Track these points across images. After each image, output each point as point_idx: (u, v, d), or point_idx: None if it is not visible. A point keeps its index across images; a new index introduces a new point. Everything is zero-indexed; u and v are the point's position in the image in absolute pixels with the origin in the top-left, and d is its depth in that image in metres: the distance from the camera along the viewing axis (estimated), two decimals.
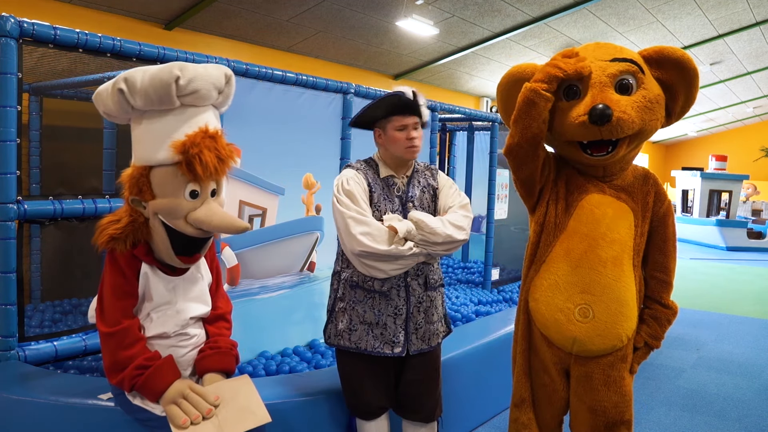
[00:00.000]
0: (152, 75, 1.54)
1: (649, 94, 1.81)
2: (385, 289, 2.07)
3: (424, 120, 2.10)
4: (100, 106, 1.64)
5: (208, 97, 1.64)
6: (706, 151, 20.80)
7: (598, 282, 1.85)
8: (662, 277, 1.94)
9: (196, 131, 1.58)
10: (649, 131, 1.85)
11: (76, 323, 3.06)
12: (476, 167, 5.47)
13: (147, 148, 1.61)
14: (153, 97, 1.55)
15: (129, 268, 1.65)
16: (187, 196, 1.59)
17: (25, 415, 1.87)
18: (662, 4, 8.99)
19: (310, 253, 3.34)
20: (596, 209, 1.90)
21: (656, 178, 2.00)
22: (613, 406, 1.90)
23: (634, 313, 1.89)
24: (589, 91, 1.78)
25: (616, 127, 1.74)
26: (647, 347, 1.96)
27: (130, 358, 1.60)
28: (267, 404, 1.72)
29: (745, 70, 13.86)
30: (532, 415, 2.06)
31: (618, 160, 1.90)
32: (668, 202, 1.96)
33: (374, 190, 2.09)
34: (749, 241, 12.33)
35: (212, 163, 1.56)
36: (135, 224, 1.63)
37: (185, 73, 1.56)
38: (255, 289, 3.05)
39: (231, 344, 1.85)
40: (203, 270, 1.83)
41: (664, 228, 1.94)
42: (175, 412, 1.58)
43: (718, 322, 5.79)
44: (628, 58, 1.82)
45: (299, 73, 3.07)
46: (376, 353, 2.07)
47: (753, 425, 3.30)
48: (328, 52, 9.14)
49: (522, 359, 2.06)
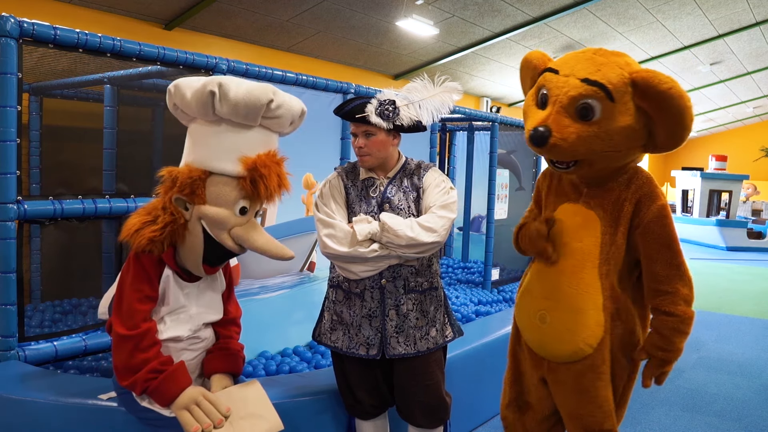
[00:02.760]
0: (248, 90, 1.57)
1: (610, 124, 1.67)
2: (359, 291, 2.07)
3: (381, 126, 2.00)
4: (175, 98, 1.63)
5: (284, 125, 1.71)
6: (706, 151, 20.77)
7: (558, 289, 1.87)
8: (652, 285, 1.81)
9: (267, 153, 1.64)
10: (609, 158, 1.74)
11: (76, 323, 3.06)
12: (476, 167, 5.47)
13: (213, 155, 1.62)
14: (242, 110, 1.58)
15: (155, 272, 1.65)
16: (237, 211, 1.63)
17: (25, 415, 1.87)
18: (662, 4, 8.99)
19: (310, 253, 3.34)
20: (565, 218, 1.90)
21: (643, 184, 1.82)
22: (588, 414, 1.86)
23: (593, 322, 1.81)
24: (548, 107, 1.75)
25: (551, 151, 1.73)
26: (657, 359, 1.81)
27: (145, 361, 1.59)
28: None
29: (745, 70, 13.86)
30: (519, 415, 2.09)
31: (591, 174, 1.83)
32: (657, 207, 1.78)
33: (351, 192, 2.11)
34: (749, 241, 12.32)
35: (273, 187, 1.62)
36: (174, 225, 1.62)
37: (277, 97, 1.62)
38: (255, 289, 3.05)
39: (239, 347, 1.86)
40: (219, 276, 1.84)
41: (649, 234, 1.79)
42: (187, 419, 1.58)
43: (718, 322, 5.79)
44: (600, 82, 1.67)
45: (299, 73, 3.07)
46: (350, 354, 2.08)
47: (753, 425, 3.30)
48: (328, 52, 9.14)
49: (510, 361, 2.11)
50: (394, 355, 2.06)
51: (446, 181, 2.14)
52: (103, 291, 2.36)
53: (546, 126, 1.69)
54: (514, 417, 2.11)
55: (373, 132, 2.03)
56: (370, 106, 2.01)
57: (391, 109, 2.02)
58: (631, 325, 1.85)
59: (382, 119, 2.00)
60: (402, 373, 2.10)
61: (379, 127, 2.01)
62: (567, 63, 1.78)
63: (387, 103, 2.02)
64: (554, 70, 1.79)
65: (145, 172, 2.91)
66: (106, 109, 3.03)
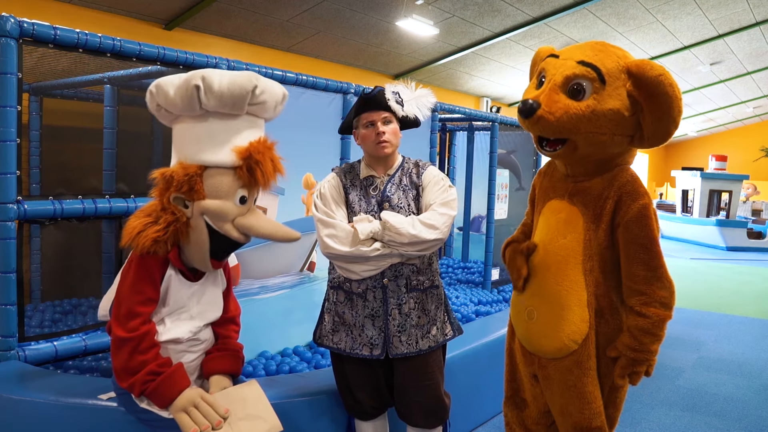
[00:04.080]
0: (231, 80, 1.57)
1: (599, 105, 1.71)
2: (361, 291, 2.07)
3: (398, 113, 2.06)
4: (158, 97, 1.61)
5: (269, 110, 1.70)
6: (706, 151, 20.80)
7: (544, 285, 1.90)
8: (629, 284, 1.80)
9: (258, 140, 1.64)
10: (594, 143, 1.76)
11: (76, 323, 3.06)
12: (476, 167, 5.47)
13: (205, 148, 1.62)
14: (228, 100, 1.58)
15: (158, 273, 1.64)
16: (237, 201, 1.63)
17: (25, 415, 1.87)
18: (662, 4, 9.00)
19: (310, 253, 3.34)
20: (551, 214, 1.94)
21: (626, 183, 1.81)
22: (577, 411, 1.86)
23: (577, 318, 1.83)
24: (544, 85, 1.81)
25: (537, 123, 1.76)
26: (627, 359, 1.79)
27: (143, 363, 1.59)
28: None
29: (745, 70, 13.86)
30: (517, 412, 2.12)
31: (579, 161, 1.85)
32: (638, 206, 1.77)
33: (350, 191, 2.11)
34: (749, 241, 12.32)
35: (269, 172, 1.62)
36: (177, 224, 1.61)
37: (260, 83, 1.62)
38: (255, 289, 3.05)
39: (238, 347, 1.86)
40: (219, 275, 1.83)
41: (628, 233, 1.78)
42: (186, 422, 1.57)
43: (718, 322, 5.79)
44: (593, 64, 1.74)
45: (299, 73, 3.07)
46: (354, 355, 2.08)
47: (753, 425, 3.30)
48: (328, 52, 9.14)
49: (507, 358, 2.14)
50: (397, 354, 2.06)
51: (445, 179, 2.14)
52: (103, 291, 2.36)
53: (536, 100, 1.75)
54: (513, 414, 2.13)
55: (390, 120, 2.07)
56: (388, 93, 2.06)
57: (401, 99, 2.08)
58: (617, 322, 1.85)
59: (398, 106, 2.07)
60: (403, 372, 2.10)
61: (396, 115, 2.06)
62: (569, 50, 1.86)
63: (396, 92, 2.08)
64: (556, 55, 1.87)
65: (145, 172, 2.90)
66: (106, 109, 3.03)
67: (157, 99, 1.62)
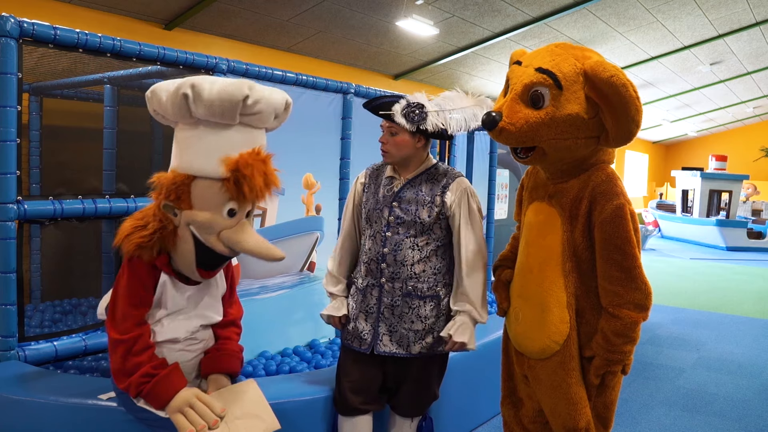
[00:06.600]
0: (221, 88, 1.52)
1: (557, 112, 1.72)
2: (362, 287, 2.17)
3: (400, 123, 2.02)
4: (153, 103, 1.60)
5: (266, 120, 1.64)
6: (706, 151, 20.79)
7: (528, 287, 1.94)
8: (603, 284, 1.79)
9: (250, 152, 1.57)
10: (560, 148, 1.77)
11: (76, 323, 3.06)
12: (476, 167, 5.45)
13: (195, 158, 1.58)
14: (217, 109, 1.53)
15: (149, 278, 1.62)
16: (225, 213, 1.58)
17: (25, 415, 1.87)
18: (662, 4, 8.99)
19: (310, 253, 3.34)
20: (533, 216, 1.97)
21: (601, 183, 1.80)
22: (564, 411, 1.87)
23: (557, 318, 1.84)
24: (507, 95, 1.83)
25: (500, 135, 1.79)
26: (602, 359, 1.80)
27: (138, 365, 1.59)
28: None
29: (745, 70, 13.85)
30: (514, 411, 2.14)
31: (552, 165, 1.86)
32: (612, 207, 1.75)
33: (368, 188, 2.22)
34: (749, 241, 12.32)
35: (259, 186, 1.55)
36: (164, 231, 1.58)
37: (253, 92, 1.56)
38: (255, 289, 3.05)
39: (238, 348, 1.85)
40: (218, 279, 1.82)
41: (602, 234, 1.76)
42: (181, 422, 1.57)
43: (718, 322, 5.78)
44: (550, 70, 1.73)
45: (299, 73, 3.08)
46: (346, 344, 2.19)
47: (753, 425, 3.30)
48: (328, 52, 9.13)
49: (503, 357, 2.17)
50: (383, 352, 2.11)
51: (473, 199, 2.12)
52: (103, 291, 2.36)
53: (499, 112, 1.78)
54: (511, 413, 2.15)
55: (396, 131, 2.07)
56: (398, 105, 2.04)
57: (417, 112, 2.03)
58: (598, 323, 1.83)
59: (405, 120, 2.02)
60: (394, 375, 2.18)
61: (402, 127, 2.04)
62: (530, 56, 1.87)
63: (415, 105, 2.03)
64: (519, 62, 1.88)
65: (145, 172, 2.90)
66: (106, 109, 3.04)
67: (152, 104, 1.61)
